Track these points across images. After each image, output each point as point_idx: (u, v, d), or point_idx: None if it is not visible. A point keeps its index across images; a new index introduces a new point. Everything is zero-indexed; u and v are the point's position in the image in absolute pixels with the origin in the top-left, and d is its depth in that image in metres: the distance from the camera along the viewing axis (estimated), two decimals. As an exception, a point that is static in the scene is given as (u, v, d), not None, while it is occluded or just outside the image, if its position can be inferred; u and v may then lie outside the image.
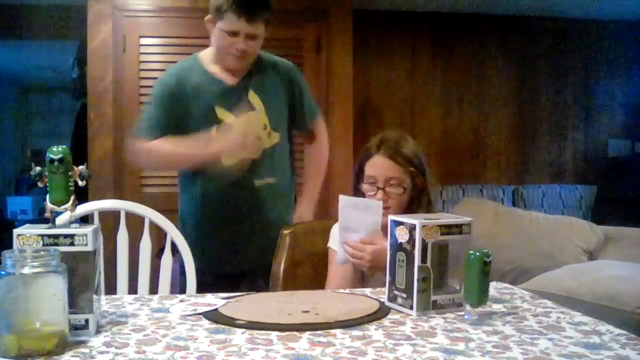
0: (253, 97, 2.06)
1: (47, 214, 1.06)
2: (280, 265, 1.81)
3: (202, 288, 1.73)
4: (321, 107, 2.57)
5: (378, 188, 1.65)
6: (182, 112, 2.04)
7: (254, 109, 2.05)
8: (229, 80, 2.06)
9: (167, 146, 2.02)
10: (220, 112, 2.02)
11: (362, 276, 1.65)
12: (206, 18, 2.03)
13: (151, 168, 2.11)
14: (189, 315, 1.17)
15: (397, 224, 1.22)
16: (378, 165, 1.67)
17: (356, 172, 1.73)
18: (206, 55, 2.11)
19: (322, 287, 1.67)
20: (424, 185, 1.69)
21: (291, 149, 2.20)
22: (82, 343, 0.98)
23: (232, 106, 2.02)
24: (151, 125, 2.05)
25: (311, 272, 1.80)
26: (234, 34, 1.96)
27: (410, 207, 1.66)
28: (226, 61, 2.04)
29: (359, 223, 1.57)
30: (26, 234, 1.02)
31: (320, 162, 2.28)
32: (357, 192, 1.70)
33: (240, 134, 1.96)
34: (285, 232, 1.86)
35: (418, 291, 1.17)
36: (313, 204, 2.22)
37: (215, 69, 2.07)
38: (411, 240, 1.18)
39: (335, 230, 1.71)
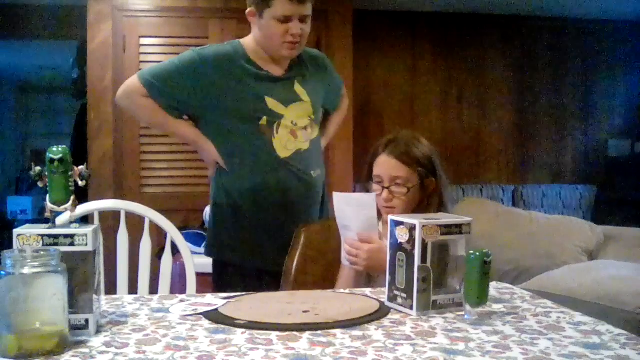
0: (299, 88, 2.04)
1: (47, 214, 1.06)
2: (293, 262, 1.81)
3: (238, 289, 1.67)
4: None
5: (383, 187, 1.65)
6: (212, 95, 1.96)
7: (300, 102, 2.03)
8: (275, 71, 2.02)
9: (154, 112, 1.99)
10: (271, 102, 1.97)
11: (369, 277, 1.65)
12: (248, 11, 1.97)
13: (125, 107, 2.11)
14: (189, 315, 1.16)
15: (397, 224, 1.22)
16: (384, 165, 1.66)
17: (367, 170, 1.73)
18: (249, 45, 2.02)
19: (333, 285, 1.67)
20: (435, 187, 1.68)
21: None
22: (82, 343, 0.98)
23: (282, 97, 1.99)
24: (158, 76, 1.96)
25: (323, 270, 1.80)
26: (287, 19, 1.91)
27: (420, 209, 1.65)
28: (280, 51, 1.97)
29: (354, 219, 1.56)
30: (26, 234, 1.02)
31: (344, 113, 2.33)
32: (368, 191, 1.70)
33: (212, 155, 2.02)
34: (303, 228, 1.86)
35: (418, 291, 1.17)
36: (327, 141, 2.25)
37: (260, 60, 2.01)
38: (411, 240, 1.18)
39: None
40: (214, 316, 1.15)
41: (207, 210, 3.28)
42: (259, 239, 1.99)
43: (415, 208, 1.66)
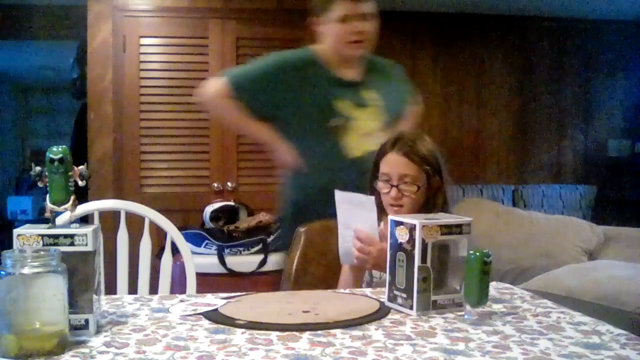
0: (370, 94, 2.12)
1: (47, 214, 1.06)
2: (293, 262, 1.81)
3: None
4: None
5: (392, 185, 1.64)
6: (289, 96, 2.07)
7: (372, 106, 2.12)
8: (348, 76, 2.11)
9: (235, 114, 2.11)
10: (342, 105, 2.06)
11: (370, 279, 1.65)
12: (311, 21, 2.10)
13: (209, 110, 2.30)
14: (189, 315, 1.17)
15: (397, 224, 1.22)
16: (392, 163, 1.65)
17: (372, 169, 1.72)
18: (323, 51, 2.13)
19: (333, 286, 1.67)
20: (440, 185, 1.68)
21: None
22: (82, 343, 0.98)
23: (354, 101, 2.08)
24: (241, 76, 2.11)
25: (323, 270, 1.80)
26: (346, 19, 2.01)
27: (425, 207, 1.65)
28: (346, 51, 2.07)
29: (356, 219, 1.56)
30: (26, 234, 1.02)
31: (413, 119, 2.39)
32: (373, 190, 1.69)
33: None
34: (301, 229, 1.86)
35: (418, 291, 1.17)
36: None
37: (334, 65, 2.11)
38: (411, 240, 1.18)
39: None
40: (214, 316, 1.15)
41: (207, 210, 3.30)
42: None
43: (420, 207, 1.65)
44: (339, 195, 1.59)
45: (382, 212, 1.67)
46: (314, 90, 2.07)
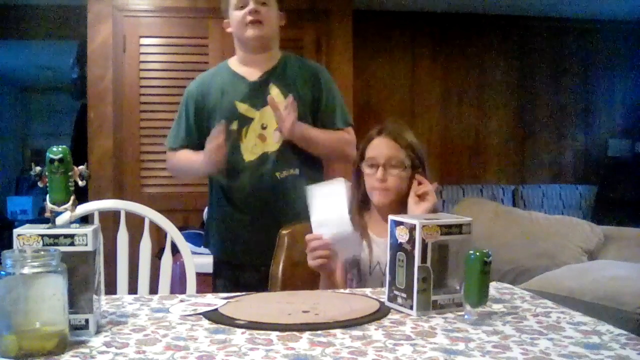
0: (274, 91, 2.09)
1: (47, 214, 1.06)
2: (279, 266, 1.80)
3: (229, 282, 2.06)
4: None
5: (378, 166, 1.64)
6: (207, 115, 2.10)
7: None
8: (251, 76, 2.11)
9: (183, 161, 2.15)
10: (242, 106, 2.07)
11: (359, 276, 1.64)
12: (223, 24, 2.15)
13: (178, 177, 2.47)
14: (189, 315, 1.17)
15: (397, 224, 1.22)
16: (379, 145, 1.67)
17: (357, 159, 1.72)
18: (233, 59, 2.18)
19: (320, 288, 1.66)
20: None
21: None
22: (82, 343, 0.98)
23: (254, 101, 2.07)
24: (175, 135, 2.18)
25: (310, 273, 1.79)
26: (244, 4, 2.04)
27: (408, 198, 1.65)
28: (245, 34, 2.07)
29: (328, 212, 1.50)
30: (26, 234, 1.02)
31: (341, 143, 2.17)
32: (358, 179, 1.70)
33: (209, 148, 1.98)
34: (284, 232, 1.85)
35: (418, 291, 1.17)
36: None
37: (239, 68, 2.13)
38: (411, 240, 1.18)
39: None
40: (214, 316, 1.15)
41: (207, 209, 3.29)
42: (237, 237, 2.10)
43: (405, 196, 1.64)
44: (311, 191, 1.54)
45: (365, 204, 1.68)
46: (218, 96, 2.09)
